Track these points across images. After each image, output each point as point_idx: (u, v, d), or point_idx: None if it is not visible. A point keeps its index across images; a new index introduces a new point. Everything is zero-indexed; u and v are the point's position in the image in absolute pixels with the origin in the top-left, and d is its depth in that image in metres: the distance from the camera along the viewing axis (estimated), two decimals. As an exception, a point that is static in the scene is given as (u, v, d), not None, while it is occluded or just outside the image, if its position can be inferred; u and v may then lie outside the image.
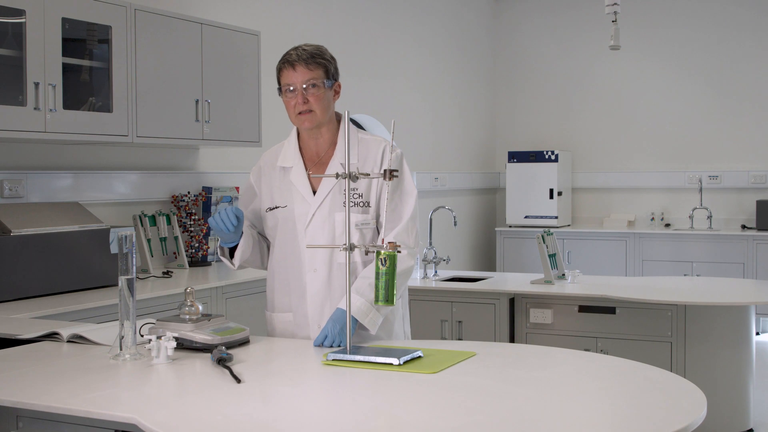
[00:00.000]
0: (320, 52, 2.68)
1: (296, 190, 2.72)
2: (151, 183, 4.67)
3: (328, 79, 2.67)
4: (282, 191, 2.75)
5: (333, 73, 2.70)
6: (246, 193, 2.88)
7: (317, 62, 2.65)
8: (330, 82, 2.68)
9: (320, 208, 2.68)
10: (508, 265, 7.90)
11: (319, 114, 2.66)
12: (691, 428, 1.75)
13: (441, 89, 7.74)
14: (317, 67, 2.64)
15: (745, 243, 7.16)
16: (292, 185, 2.73)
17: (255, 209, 2.84)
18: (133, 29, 4.02)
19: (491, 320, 4.63)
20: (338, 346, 2.44)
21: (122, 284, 2.31)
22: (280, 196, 2.75)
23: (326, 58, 2.68)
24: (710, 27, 7.83)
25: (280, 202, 2.75)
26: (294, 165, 2.75)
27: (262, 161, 2.85)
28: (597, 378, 2.21)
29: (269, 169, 2.80)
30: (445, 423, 1.78)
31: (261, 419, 1.82)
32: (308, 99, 2.64)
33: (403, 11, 7.10)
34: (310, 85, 2.63)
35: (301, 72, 2.63)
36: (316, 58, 2.65)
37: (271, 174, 2.79)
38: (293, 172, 2.74)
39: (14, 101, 3.54)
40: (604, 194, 8.31)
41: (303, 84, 2.63)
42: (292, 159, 2.76)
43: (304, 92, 2.63)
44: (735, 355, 4.38)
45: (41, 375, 2.16)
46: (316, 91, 2.64)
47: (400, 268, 2.52)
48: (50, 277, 3.61)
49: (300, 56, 2.64)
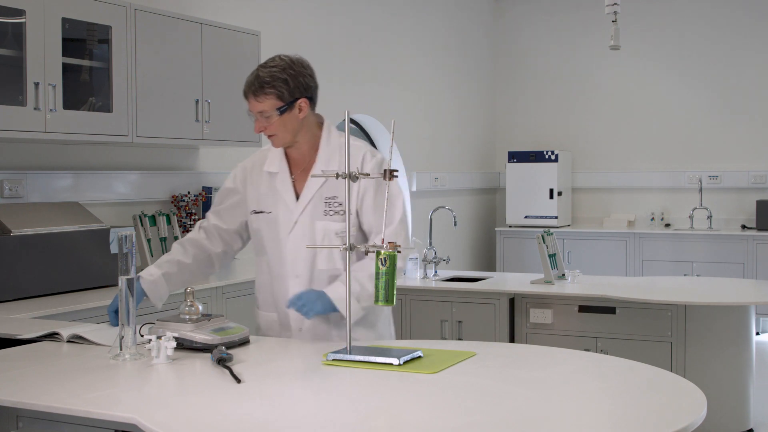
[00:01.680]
0: (271, 79, 2.60)
1: (280, 196, 2.73)
2: (151, 183, 4.67)
3: (281, 106, 2.61)
4: (268, 196, 2.76)
5: (290, 95, 2.62)
6: (224, 193, 2.86)
7: (266, 93, 2.59)
8: (285, 107, 2.61)
9: (303, 215, 2.70)
10: (508, 265, 7.90)
11: (281, 137, 2.66)
12: (691, 428, 1.75)
13: (441, 89, 7.74)
14: (267, 97, 2.60)
15: (745, 243, 7.16)
16: (277, 191, 2.74)
17: (232, 208, 2.83)
18: (133, 29, 4.02)
19: (491, 320, 4.63)
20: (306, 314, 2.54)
21: (122, 284, 2.31)
22: (266, 201, 2.76)
23: (277, 86, 2.60)
24: (710, 27, 7.83)
25: (266, 208, 2.75)
26: (279, 171, 2.75)
27: (249, 163, 2.85)
28: (597, 378, 2.21)
29: (256, 172, 2.80)
30: (445, 423, 1.78)
31: (261, 419, 1.82)
32: (265, 126, 2.64)
33: (403, 11, 7.10)
34: (263, 115, 2.62)
35: (252, 104, 2.62)
36: (265, 87, 2.59)
37: (257, 177, 2.79)
38: (278, 178, 2.75)
39: (14, 101, 3.54)
40: (604, 194, 8.31)
41: (257, 113, 2.63)
42: (278, 164, 2.76)
43: (260, 120, 2.63)
44: (735, 355, 4.38)
45: (41, 375, 2.16)
46: (269, 120, 2.62)
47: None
48: (50, 277, 3.61)
49: (250, 87, 2.61)
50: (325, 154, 2.71)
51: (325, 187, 2.68)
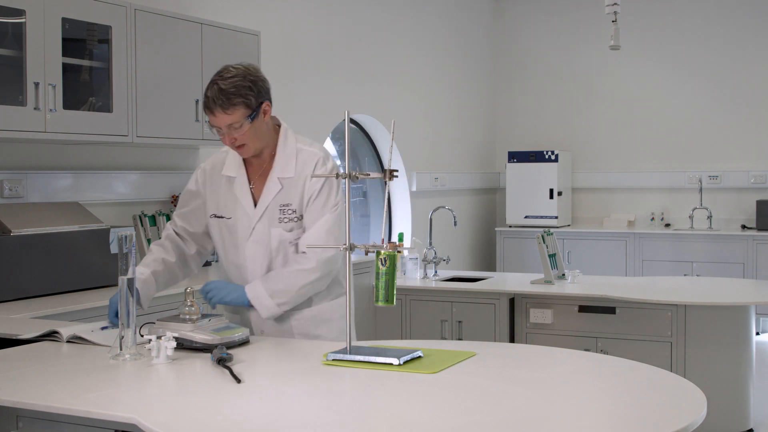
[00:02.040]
0: (236, 89, 2.56)
1: (239, 202, 2.72)
2: (151, 183, 4.67)
3: (250, 114, 2.58)
4: (227, 201, 2.75)
5: (256, 102, 2.59)
6: (187, 195, 2.84)
7: (234, 104, 2.55)
8: (254, 114, 2.59)
9: (260, 222, 2.70)
10: (508, 265, 7.90)
11: (251, 145, 2.64)
12: (691, 428, 1.75)
13: (441, 89, 7.74)
14: (235, 108, 2.56)
15: (745, 243, 7.16)
16: (236, 197, 2.73)
17: (196, 210, 2.82)
18: (133, 29, 4.02)
19: (491, 320, 4.64)
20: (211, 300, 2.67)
21: (122, 284, 2.31)
22: (225, 206, 2.75)
23: (243, 94, 2.56)
24: (710, 27, 7.83)
25: (225, 213, 2.75)
26: (237, 175, 2.74)
27: (208, 165, 2.83)
28: (597, 378, 2.21)
29: (216, 176, 2.78)
30: (445, 423, 1.78)
31: (261, 419, 1.82)
32: (236, 137, 2.60)
33: (403, 12, 7.10)
34: (233, 127, 2.59)
35: (220, 117, 2.57)
36: (232, 99, 2.55)
37: (217, 181, 2.78)
38: (237, 183, 2.73)
39: (14, 101, 3.54)
40: (604, 194, 8.31)
41: (226, 126, 2.59)
42: (236, 169, 2.74)
43: (230, 132, 2.60)
44: (735, 355, 4.38)
45: (41, 375, 2.16)
46: (240, 130, 2.59)
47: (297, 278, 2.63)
48: (50, 277, 3.61)
49: (216, 100, 2.55)
50: (282, 159, 2.69)
51: (280, 194, 2.68)
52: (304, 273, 2.64)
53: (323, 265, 2.64)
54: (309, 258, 2.63)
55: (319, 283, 2.68)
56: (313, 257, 2.63)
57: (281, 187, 2.68)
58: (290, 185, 2.67)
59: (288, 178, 2.67)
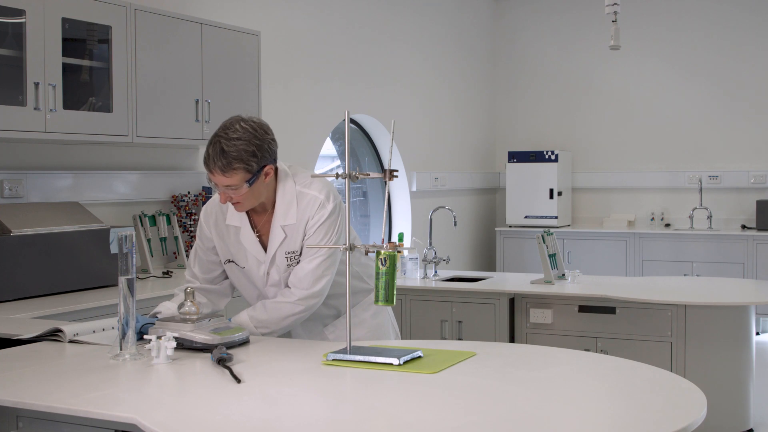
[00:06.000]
0: (238, 154, 2.49)
1: (249, 252, 2.71)
2: (151, 183, 4.67)
3: (250, 178, 2.53)
4: (238, 251, 2.74)
5: (258, 166, 2.53)
6: (203, 236, 2.80)
7: (234, 168, 2.49)
8: (254, 179, 2.54)
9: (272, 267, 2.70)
10: (508, 265, 7.90)
11: (248, 204, 2.62)
12: (691, 428, 1.75)
13: (441, 89, 7.74)
14: (235, 172, 2.50)
15: (745, 243, 7.16)
16: (245, 248, 2.71)
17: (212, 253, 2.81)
18: (133, 29, 4.02)
19: (491, 320, 4.64)
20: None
21: (122, 284, 2.31)
22: (237, 255, 2.74)
23: (245, 159, 2.49)
24: (710, 27, 7.83)
25: (238, 261, 2.75)
26: (241, 225, 2.71)
27: (211, 210, 2.77)
28: (597, 378, 2.21)
29: (221, 223, 2.75)
30: (445, 423, 1.78)
31: (261, 419, 1.82)
32: (231, 197, 2.57)
33: (403, 12, 7.10)
34: (230, 188, 2.54)
35: (219, 178, 2.53)
36: (233, 163, 2.49)
37: (223, 228, 2.75)
38: (243, 233, 2.71)
39: (14, 101, 3.55)
40: (604, 194, 8.31)
41: (223, 186, 2.55)
42: (239, 218, 2.71)
43: (226, 191, 2.55)
44: (735, 355, 4.38)
45: (41, 375, 2.16)
46: (238, 192, 2.55)
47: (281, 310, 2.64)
48: (50, 277, 3.61)
49: (216, 161, 2.49)
50: (283, 206, 2.66)
51: (285, 242, 2.68)
52: (288, 306, 2.66)
53: (307, 299, 2.66)
54: (293, 293, 2.65)
55: (302, 315, 2.69)
56: (297, 292, 2.65)
57: (285, 236, 2.67)
58: (293, 231, 2.67)
59: (290, 225, 2.67)
